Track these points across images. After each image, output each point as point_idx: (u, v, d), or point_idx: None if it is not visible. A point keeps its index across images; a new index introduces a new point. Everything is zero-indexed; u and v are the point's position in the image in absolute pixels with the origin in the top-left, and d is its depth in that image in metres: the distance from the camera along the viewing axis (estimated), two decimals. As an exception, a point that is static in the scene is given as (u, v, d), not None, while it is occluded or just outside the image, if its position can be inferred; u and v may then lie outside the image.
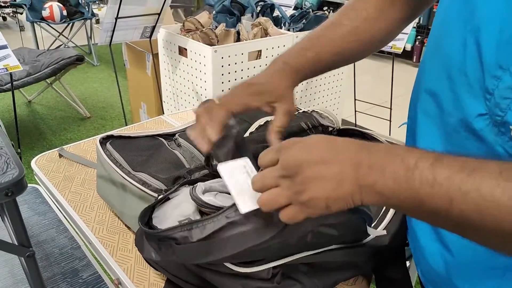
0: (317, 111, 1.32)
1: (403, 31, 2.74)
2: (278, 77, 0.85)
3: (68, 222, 1.08)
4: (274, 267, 0.73)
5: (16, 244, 0.63)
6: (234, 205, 0.65)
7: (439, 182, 0.47)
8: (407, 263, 0.94)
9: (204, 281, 0.79)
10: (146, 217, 0.81)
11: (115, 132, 1.17)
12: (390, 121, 3.30)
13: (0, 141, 0.70)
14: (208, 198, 0.77)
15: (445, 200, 0.47)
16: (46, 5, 4.86)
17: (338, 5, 6.62)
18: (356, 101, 3.53)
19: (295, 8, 3.39)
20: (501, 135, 0.53)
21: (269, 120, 1.26)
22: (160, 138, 1.21)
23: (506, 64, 0.51)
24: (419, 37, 5.74)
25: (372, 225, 0.87)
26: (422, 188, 0.49)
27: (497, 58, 0.52)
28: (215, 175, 0.91)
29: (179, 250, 0.69)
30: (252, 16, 2.90)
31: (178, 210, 0.82)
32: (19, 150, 2.82)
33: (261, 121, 1.26)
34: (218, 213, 0.68)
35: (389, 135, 1.24)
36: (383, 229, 0.86)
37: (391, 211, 0.89)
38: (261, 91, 0.84)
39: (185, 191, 0.87)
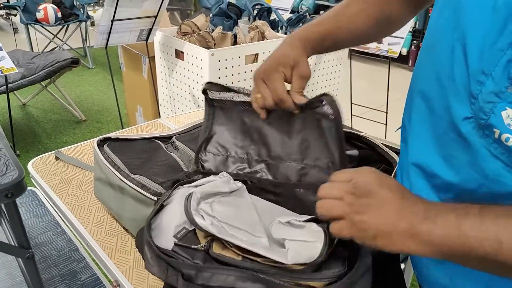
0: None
1: (399, 36, 2.75)
2: (289, 47, 0.89)
3: (66, 224, 1.07)
4: None
5: (16, 245, 0.62)
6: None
7: (487, 226, 0.52)
8: (402, 265, 0.94)
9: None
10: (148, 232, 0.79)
11: (112, 134, 1.16)
12: (386, 124, 3.31)
13: (-1, 142, 0.70)
14: (201, 222, 0.75)
15: (493, 243, 0.51)
16: (41, 7, 4.83)
17: (333, 9, 6.64)
18: (352, 105, 3.53)
19: (292, 11, 3.40)
20: (486, 137, 0.56)
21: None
22: (157, 141, 1.21)
23: (489, 69, 0.54)
24: (414, 41, 5.77)
25: None
26: (471, 233, 0.52)
27: (480, 64, 0.55)
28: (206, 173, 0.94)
29: (184, 285, 0.69)
30: (249, 19, 2.91)
31: (173, 220, 0.80)
32: (17, 153, 2.80)
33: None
34: (229, 269, 0.70)
35: (385, 138, 1.24)
36: None
37: None
38: (279, 63, 0.87)
39: (179, 194, 0.86)
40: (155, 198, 0.92)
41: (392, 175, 1.01)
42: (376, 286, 0.85)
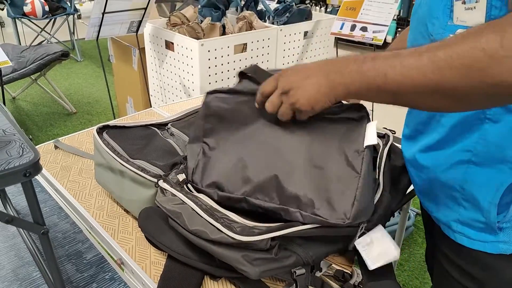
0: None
1: (383, 24, 2.80)
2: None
3: (69, 209, 1.13)
4: (272, 239, 0.79)
5: (32, 222, 0.68)
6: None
7: (377, 65, 0.68)
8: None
9: (205, 254, 0.84)
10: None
11: (110, 122, 1.21)
12: (372, 110, 3.37)
13: (12, 128, 0.75)
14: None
15: (382, 75, 0.67)
16: (28, 1, 4.81)
17: (319, -1, 6.68)
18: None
19: (279, 1, 3.44)
20: None
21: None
22: (153, 128, 1.26)
23: (436, 14, 0.79)
24: (399, 29, 5.84)
25: None
26: (367, 72, 0.69)
27: (432, 12, 0.80)
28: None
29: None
30: (237, 10, 2.95)
31: None
32: (30, 137, 2.79)
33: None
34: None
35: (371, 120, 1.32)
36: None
37: (376, 198, 0.95)
38: None
39: None
40: (155, 180, 0.98)
41: (378, 158, 1.07)
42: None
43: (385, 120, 1.29)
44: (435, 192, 0.90)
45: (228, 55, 2.42)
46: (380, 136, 1.17)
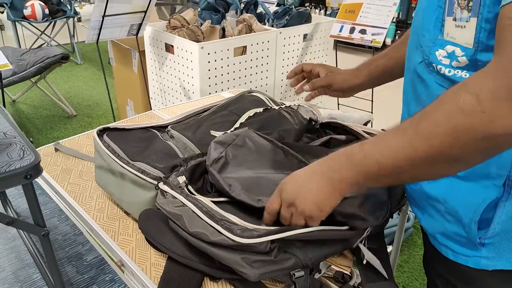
0: (302, 105, 1.39)
1: (381, 26, 2.81)
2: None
3: (69, 211, 1.13)
4: (271, 242, 0.79)
5: (33, 224, 0.68)
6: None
7: (367, 155, 0.71)
8: (389, 248, 1.02)
9: (205, 256, 0.85)
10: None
11: (111, 125, 1.22)
12: (372, 113, 3.38)
13: (13, 131, 0.75)
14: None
15: (374, 164, 0.70)
16: (28, 4, 4.83)
17: (319, 2, 6.70)
18: (339, 94, 3.60)
19: (278, 4, 3.45)
20: (431, 72, 0.80)
21: (257, 111, 1.33)
22: (153, 130, 1.27)
23: (427, 26, 0.80)
24: (398, 31, 5.85)
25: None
26: (359, 164, 0.72)
27: (423, 23, 0.81)
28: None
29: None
30: (236, 12, 2.96)
31: None
32: (31, 139, 2.81)
33: (250, 112, 1.32)
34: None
35: (371, 127, 1.33)
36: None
37: None
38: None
39: None
40: (155, 182, 0.98)
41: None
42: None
43: (384, 120, 1.30)
44: (422, 202, 0.90)
45: (228, 57, 2.43)
46: None
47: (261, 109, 1.34)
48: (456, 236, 0.83)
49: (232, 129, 1.24)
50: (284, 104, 1.41)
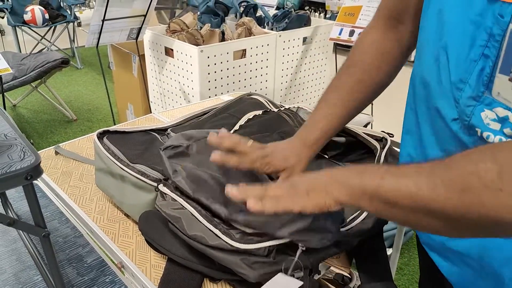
0: (302, 108, 1.39)
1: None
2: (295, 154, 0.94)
3: (69, 214, 1.14)
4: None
5: (33, 225, 0.69)
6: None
7: (398, 180, 0.60)
8: (389, 251, 1.02)
9: (205, 257, 0.85)
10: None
11: (110, 128, 1.22)
12: (371, 115, 3.39)
13: (13, 133, 0.76)
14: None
15: (408, 192, 0.58)
16: (28, 9, 4.85)
17: (319, 5, 6.72)
18: (339, 98, 3.60)
19: (277, 8, 3.46)
20: (471, 135, 0.64)
21: (257, 114, 1.33)
22: (153, 133, 1.27)
23: (465, 78, 0.62)
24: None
25: (357, 213, 0.95)
26: (363, 179, 0.63)
27: (457, 72, 0.64)
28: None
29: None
30: (236, 16, 2.97)
31: None
32: (31, 141, 2.81)
33: (249, 115, 1.33)
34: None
35: (371, 129, 1.33)
36: (367, 215, 0.94)
37: None
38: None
39: None
40: (155, 184, 0.99)
41: (375, 161, 1.08)
42: (362, 257, 0.93)
43: (383, 123, 1.30)
44: (447, 254, 0.78)
45: (227, 61, 2.44)
46: (377, 139, 1.19)
47: (260, 112, 1.35)
48: None
49: (232, 131, 1.25)
50: (284, 107, 1.41)
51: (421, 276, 1.07)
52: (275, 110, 1.38)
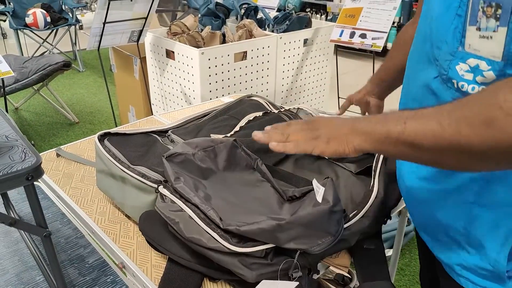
0: (302, 109, 1.40)
1: (382, 30, 2.82)
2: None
3: (71, 215, 1.15)
4: None
5: (35, 225, 0.70)
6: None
7: (396, 115, 0.69)
8: (389, 252, 1.02)
9: (204, 257, 0.86)
10: None
11: (111, 130, 1.23)
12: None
13: (14, 134, 0.76)
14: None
15: (401, 123, 0.66)
16: (30, 12, 4.86)
17: (320, 7, 6.73)
18: (339, 98, 3.62)
19: (278, 10, 3.47)
20: (449, 89, 0.72)
21: (257, 115, 1.34)
22: (154, 135, 1.28)
23: (444, 36, 0.72)
24: (399, 36, 5.85)
25: (355, 211, 0.96)
26: (386, 126, 0.69)
27: (437, 34, 0.73)
28: None
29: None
30: (237, 18, 2.98)
31: None
32: (32, 142, 2.81)
33: (250, 116, 1.34)
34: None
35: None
36: (364, 214, 0.95)
37: (371, 200, 0.98)
38: None
39: None
40: (156, 186, 1.00)
41: (375, 159, 1.09)
42: (360, 255, 0.93)
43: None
44: (434, 230, 0.84)
45: (228, 63, 2.45)
46: None
47: (260, 113, 1.35)
48: (479, 269, 0.77)
49: (232, 132, 1.26)
50: (284, 108, 1.42)
51: (421, 271, 1.11)
52: (275, 111, 1.39)
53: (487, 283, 0.77)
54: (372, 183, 1.01)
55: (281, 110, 1.40)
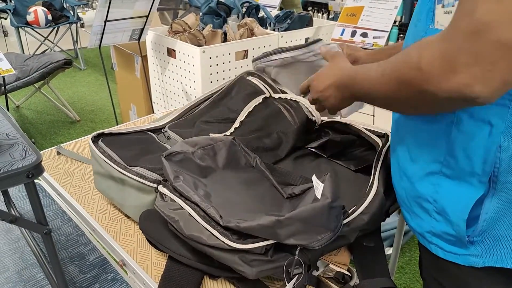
0: (304, 104, 1.39)
1: (383, 29, 2.81)
2: None
3: (72, 212, 1.15)
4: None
5: (35, 222, 0.70)
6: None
7: (358, 77, 0.87)
8: (389, 250, 1.03)
9: (204, 255, 0.86)
10: None
11: (106, 130, 1.23)
12: (373, 116, 3.39)
13: (15, 132, 0.77)
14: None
15: (362, 83, 0.84)
16: (31, 10, 4.86)
17: (321, 5, 6.72)
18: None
19: (280, 8, 3.47)
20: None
21: (257, 104, 1.33)
22: (149, 133, 1.27)
23: (419, 17, 0.82)
24: (401, 35, 5.86)
25: (354, 207, 0.96)
26: (356, 83, 0.87)
27: (416, 15, 0.84)
28: None
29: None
30: (238, 17, 2.98)
31: None
32: (33, 140, 2.81)
33: (249, 107, 1.32)
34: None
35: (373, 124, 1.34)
36: (363, 210, 0.95)
37: (370, 197, 0.98)
38: None
39: None
40: (155, 185, 1.00)
41: (376, 157, 1.09)
42: (360, 252, 0.94)
43: (385, 119, 1.31)
44: (410, 202, 0.90)
45: (229, 61, 2.45)
46: (380, 135, 1.19)
47: (260, 99, 1.33)
48: (445, 235, 0.83)
49: (232, 129, 1.25)
50: (285, 93, 1.40)
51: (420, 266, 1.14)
52: (275, 96, 1.36)
53: (453, 248, 0.83)
54: (371, 180, 1.01)
55: (282, 96, 1.37)
